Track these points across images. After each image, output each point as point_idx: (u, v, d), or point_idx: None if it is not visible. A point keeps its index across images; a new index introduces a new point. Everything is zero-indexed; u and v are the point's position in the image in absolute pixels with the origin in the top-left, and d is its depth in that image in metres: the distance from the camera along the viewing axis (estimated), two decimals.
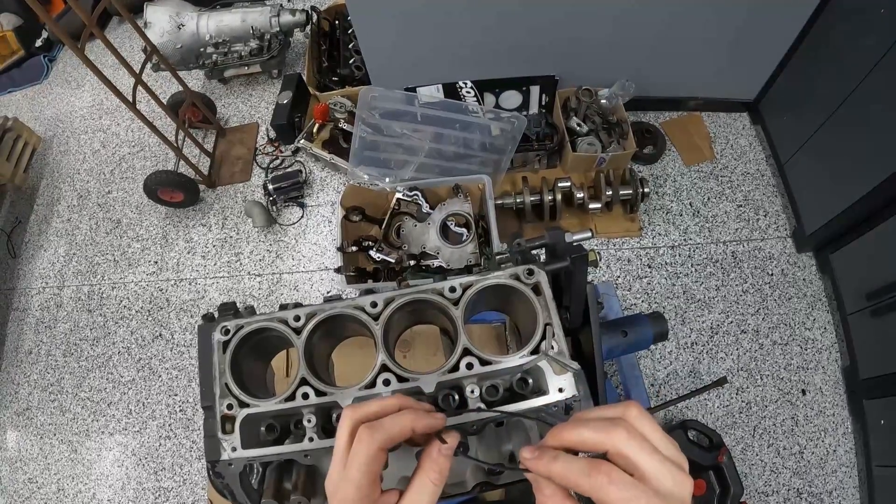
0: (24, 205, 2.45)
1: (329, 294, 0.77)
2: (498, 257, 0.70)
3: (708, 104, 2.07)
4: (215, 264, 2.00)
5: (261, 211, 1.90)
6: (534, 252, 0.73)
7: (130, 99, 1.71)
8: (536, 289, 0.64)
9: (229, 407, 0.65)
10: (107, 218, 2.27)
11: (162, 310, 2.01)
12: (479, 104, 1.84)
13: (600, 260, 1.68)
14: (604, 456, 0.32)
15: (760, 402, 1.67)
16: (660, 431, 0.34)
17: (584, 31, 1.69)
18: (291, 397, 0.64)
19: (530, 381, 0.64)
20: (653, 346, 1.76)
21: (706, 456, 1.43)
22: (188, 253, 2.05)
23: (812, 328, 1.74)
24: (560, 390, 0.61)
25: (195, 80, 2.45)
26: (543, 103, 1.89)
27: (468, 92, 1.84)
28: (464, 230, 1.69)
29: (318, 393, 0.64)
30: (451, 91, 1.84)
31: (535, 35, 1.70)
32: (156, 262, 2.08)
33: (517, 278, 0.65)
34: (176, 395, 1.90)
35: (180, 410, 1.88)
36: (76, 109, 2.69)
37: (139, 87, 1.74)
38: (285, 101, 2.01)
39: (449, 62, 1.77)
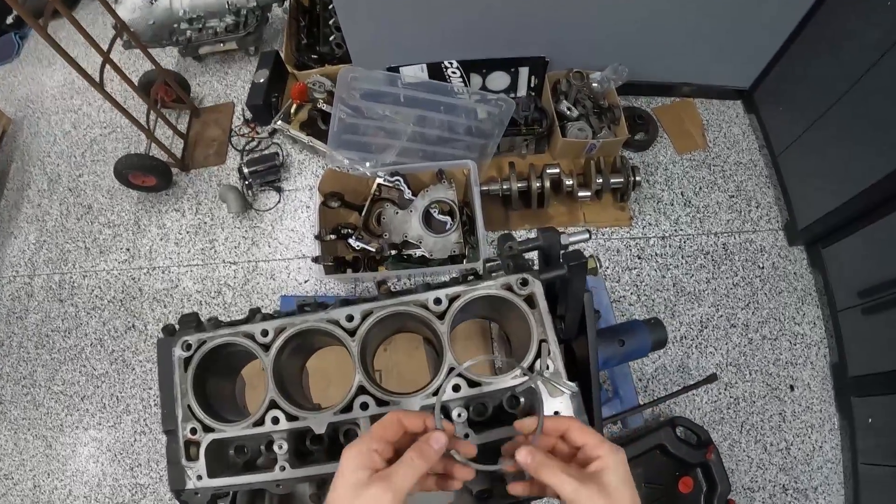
0: None
1: (303, 299, 0.69)
2: (488, 265, 0.63)
3: (701, 90, 2.00)
4: (189, 251, 1.92)
5: (236, 196, 1.81)
6: (527, 255, 0.66)
7: (98, 79, 1.61)
8: (530, 300, 0.58)
9: (193, 431, 0.59)
10: (77, 203, 2.17)
11: (135, 300, 1.93)
12: (466, 86, 1.76)
13: (600, 267, 1.64)
14: None
15: (748, 397, 1.64)
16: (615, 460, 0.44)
17: (577, 10, 1.61)
18: (260, 422, 0.58)
19: (522, 399, 0.58)
20: None
21: (694, 453, 1.40)
22: (161, 240, 1.96)
23: (802, 323, 1.72)
24: (555, 414, 0.56)
25: (169, 57, 2.33)
26: (532, 85, 1.81)
27: (454, 72, 1.76)
28: (448, 218, 1.62)
29: (290, 417, 0.58)
30: (436, 71, 1.76)
31: (525, 13, 1.62)
32: (128, 250, 1.99)
33: (509, 289, 0.59)
34: (150, 388, 1.83)
35: (155, 405, 1.81)
36: (47, 89, 2.56)
37: (109, 67, 1.64)
38: (262, 80, 1.91)
39: (434, 41, 1.69)
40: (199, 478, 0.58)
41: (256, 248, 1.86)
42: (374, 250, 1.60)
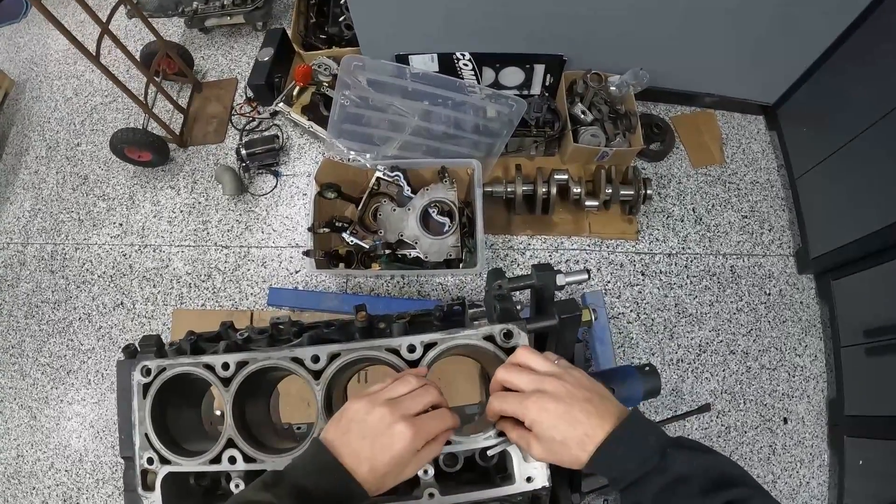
0: None
1: (277, 317, 0.66)
2: (471, 311, 0.60)
3: (724, 102, 1.91)
4: (181, 231, 1.88)
5: (232, 177, 1.76)
6: (514, 291, 0.61)
7: (94, 50, 1.55)
8: (512, 353, 0.54)
9: (150, 461, 0.56)
10: (74, 173, 2.13)
11: (125, 276, 1.90)
12: (477, 81, 1.68)
13: (595, 318, 1.60)
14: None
15: (741, 427, 1.61)
16: (538, 358, 0.51)
17: (601, 9, 1.52)
18: (217, 460, 0.55)
19: (495, 455, 0.55)
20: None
21: None
22: (154, 217, 1.92)
23: (803, 355, 1.67)
24: (529, 480, 0.53)
25: (175, 27, 2.26)
26: (547, 84, 1.73)
27: (465, 65, 1.68)
28: (446, 219, 1.56)
29: (247, 458, 0.55)
30: (447, 63, 1.68)
31: (546, 8, 1.53)
32: (121, 225, 1.96)
33: (492, 340, 0.55)
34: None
35: None
36: (51, 52, 2.51)
37: (107, 37, 1.57)
38: (266, 59, 1.84)
39: (447, 30, 1.60)
40: None
41: (249, 234, 1.82)
42: (367, 247, 1.55)
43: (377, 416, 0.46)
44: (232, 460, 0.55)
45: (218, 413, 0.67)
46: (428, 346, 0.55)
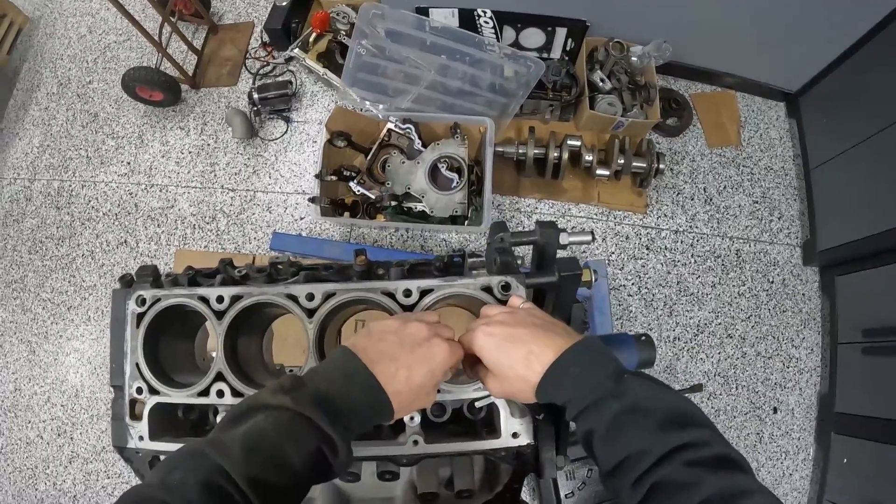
0: (4, 88, 2.28)
1: (277, 257, 0.65)
2: (471, 260, 0.58)
3: (745, 84, 1.87)
4: (189, 172, 1.87)
5: (242, 121, 1.75)
6: (522, 245, 0.59)
7: None
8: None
9: (139, 391, 0.57)
10: (84, 110, 2.12)
11: (130, 215, 1.90)
12: (497, 39, 1.65)
13: (596, 279, 1.58)
14: None
15: (731, 411, 1.61)
16: (495, 310, 0.50)
17: None
18: (206, 392, 0.55)
19: (483, 408, 0.55)
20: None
21: None
22: (162, 157, 1.91)
23: (799, 347, 1.67)
24: (514, 435, 0.53)
25: None
26: (568, 49, 1.69)
27: (486, 22, 1.65)
28: (455, 176, 1.55)
29: (235, 393, 0.55)
30: (468, 19, 1.65)
31: None
32: (128, 164, 1.95)
33: (489, 290, 0.54)
34: None
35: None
36: None
37: None
38: (284, 4, 1.81)
39: None
40: (141, 438, 0.56)
41: (257, 178, 1.81)
42: (374, 197, 1.54)
43: (415, 328, 0.44)
44: (220, 394, 0.55)
45: (213, 355, 0.67)
46: (424, 293, 0.54)
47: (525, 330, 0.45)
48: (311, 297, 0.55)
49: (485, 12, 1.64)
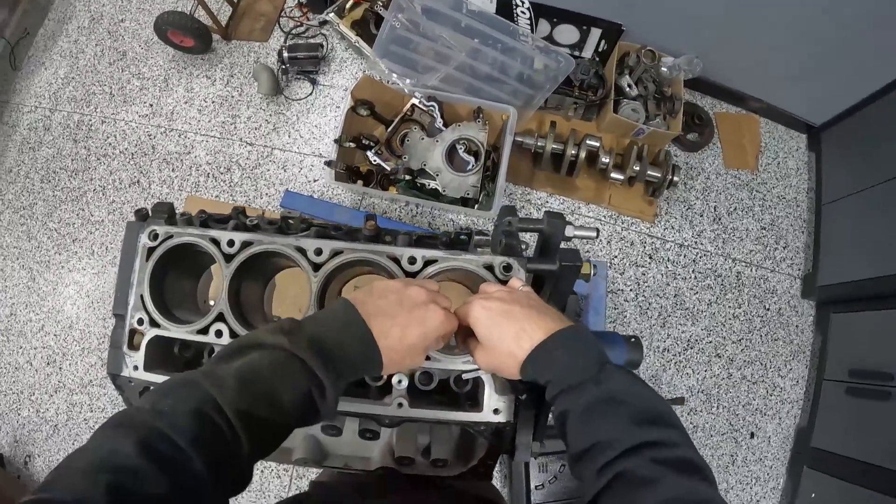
0: (36, 17, 2.29)
1: (288, 213, 0.65)
2: (477, 237, 0.59)
3: (770, 111, 1.88)
4: (209, 121, 1.88)
5: (269, 77, 1.76)
6: (526, 233, 0.61)
7: None
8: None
9: (140, 322, 0.58)
10: (113, 47, 2.12)
11: (146, 156, 1.92)
12: (531, 30, 1.65)
13: (594, 274, 1.60)
14: None
15: (708, 429, 1.64)
16: (494, 288, 0.52)
17: None
18: (204, 331, 0.56)
19: (469, 382, 0.56)
20: None
21: None
22: (185, 103, 1.92)
23: (785, 377, 1.69)
24: (496, 412, 0.54)
25: None
26: (600, 50, 1.70)
27: (523, 12, 1.65)
28: (471, 159, 1.56)
29: (233, 335, 0.56)
30: (505, 6, 1.65)
31: None
32: (151, 105, 1.96)
33: (490, 269, 0.55)
34: None
35: None
36: None
37: None
38: None
39: None
40: (136, 368, 0.57)
41: (276, 135, 1.82)
42: (389, 169, 1.55)
43: (415, 291, 0.46)
44: (219, 334, 0.56)
45: (212, 303, 0.68)
46: (428, 262, 0.56)
47: (520, 309, 0.46)
48: (319, 251, 0.56)
49: (523, 2, 1.64)
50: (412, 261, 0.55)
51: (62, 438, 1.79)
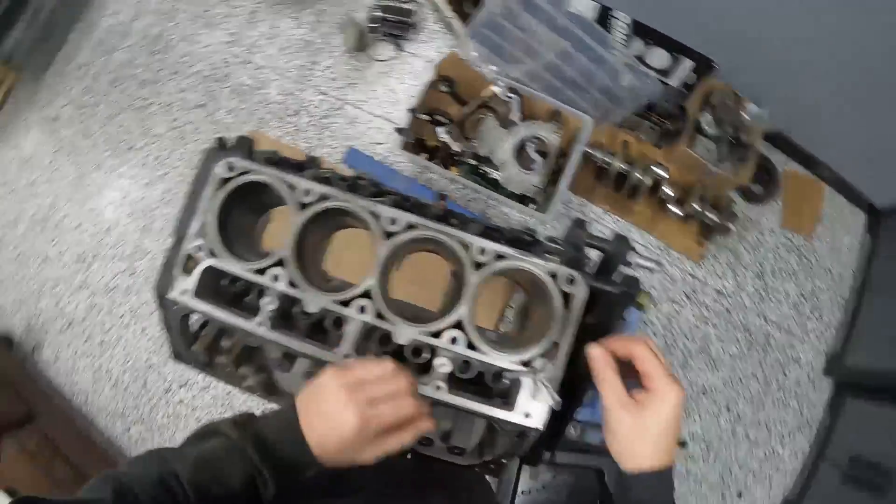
0: None
1: (360, 174, 0.66)
2: (548, 243, 0.60)
3: (838, 182, 1.85)
4: (288, 62, 1.89)
5: (356, 32, 1.76)
6: (587, 247, 0.61)
7: None
8: (568, 299, 0.55)
9: (198, 248, 0.58)
10: None
11: (217, 82, 1.93)
12: (625, 46, 1.64)
13: (654, 307, 1.59)
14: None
15: (700, 479, 1.64)
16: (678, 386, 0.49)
17: (781, 40, 1.46)
18: (261, 272, 0.56)
19: (506, 381, 0.56)
20: None
21: None
22: (267, 39, 1.93)
23: (786, 446, 1.68)
24: (526, 416, 0.54)
25: None
26: (687, 82, 1.68)
27: (621, 28, 1.64)
28: (540, 158, 1.55)
29: (290, 283, 0.56)
30: (604, 17, 1.64)
31: (725, 12, 1.48)
32: (233, 34, 1.97)
33: (554, 277, 0.55)
34: (194, 167, 1.86)
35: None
36: None
37: None
38: None
39: None
40: (184, 292, 0.58)
41: (351, 90, 1.82)
42: (455, 150, 1.56)
43: (333, 396, 0.46)
44: (275, 278, 0.56)
45: (265, 249, 0.68)
46: (498, 257, 0.56)
47: (667, 428, 0.46)
48: (393, 221, 0.56)
49: (624, 17, 1.63)
50: (482, 252, 0.55)
51: (75, 335, 1.82)
